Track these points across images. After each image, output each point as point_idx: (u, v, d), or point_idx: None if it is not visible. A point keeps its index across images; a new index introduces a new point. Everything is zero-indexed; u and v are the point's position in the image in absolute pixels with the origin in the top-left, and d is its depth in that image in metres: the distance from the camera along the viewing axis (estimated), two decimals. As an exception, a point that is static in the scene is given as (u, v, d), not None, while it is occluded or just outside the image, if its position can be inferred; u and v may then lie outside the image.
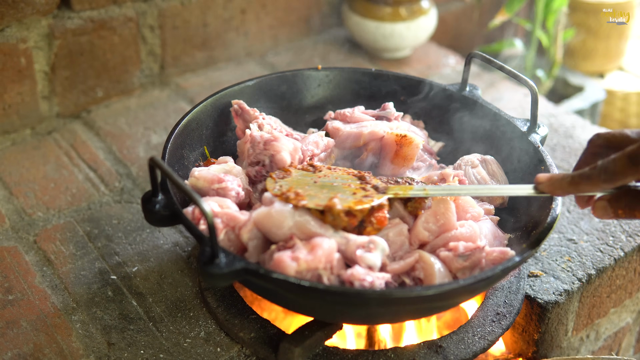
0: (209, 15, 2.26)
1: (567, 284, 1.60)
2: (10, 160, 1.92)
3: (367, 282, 1.25)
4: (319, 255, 1.25)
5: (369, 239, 1.31)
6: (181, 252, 1.65)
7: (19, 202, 1.78)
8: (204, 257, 1.18)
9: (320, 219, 1.33)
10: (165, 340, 1.44)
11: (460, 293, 1.28)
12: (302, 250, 1.26)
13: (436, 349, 1.42)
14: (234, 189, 1.42)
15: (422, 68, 2.46)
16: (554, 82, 3.02)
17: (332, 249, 1.27)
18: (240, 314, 1.45)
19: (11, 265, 1.61)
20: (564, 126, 2.13)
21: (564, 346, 1.68)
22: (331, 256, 1.27)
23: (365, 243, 1.30)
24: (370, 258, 1.28)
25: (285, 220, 1.31)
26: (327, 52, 2.49)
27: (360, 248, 1.30)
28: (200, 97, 2.13)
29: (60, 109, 2.07)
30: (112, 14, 2.06)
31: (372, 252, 1.29)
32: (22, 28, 1.92)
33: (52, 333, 1.45)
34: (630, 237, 1.72)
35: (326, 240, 1.28)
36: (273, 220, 1.31)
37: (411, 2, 2.42)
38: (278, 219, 1.31)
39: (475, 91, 1.72)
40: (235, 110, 1.63)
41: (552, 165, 1.49)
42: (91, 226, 1.72)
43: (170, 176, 1.22)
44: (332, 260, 1.27)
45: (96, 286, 1.56)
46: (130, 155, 1.95)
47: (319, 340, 1.36)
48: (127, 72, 2.16)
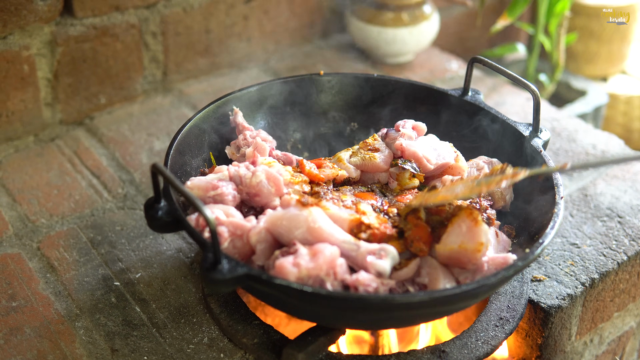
0: (211, 22, 2.26)
1: (571, 288, 1.60)
2: (14, 167, 1.92)
3: (372, 287, 1.25)
4: (320, 262, 1.25)
5: (380, 246, 1.31)
6: (184, 258, 1.65)
7: (22, 208, 1.79)
8: (207, 263, 1.19)
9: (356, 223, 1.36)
10: (168, 346, 1.44)
11: (463, 298, 1.28)
12: (304, 256, 1.26)
13: (439, 354, 1.42)
14: (230, 194, 1.42)
15: (424, 73, 2.46)
16: (557, 86, 3.02)
17: (334, 255, 1.27)
18: (244, 319, 1.45)
19: (15, 271, 1.61)
20: (566, 130, 2.13)
21: (567, 350, 1.68)
22: (333, 262, 1.27)
23: (376, 250, 1.30)
24: (381, 264, 1.28)
25: (299, 223, 1.32)
26: (329, 57, 2.50)
27: (371, 255, 1.30)
28: (203, 103, 2.13)
29: (63, 116, 2.07)
30: (115, 20, 2.06)
31: (382, 259, 1.29)
32: (25, 35, 1.92)
33: (55, 339, 1.45)
34: (633, 241, 1.72)
35: (328, 247, 1.28)
36: (289, 221, 1.31)
37: (413, 8, 2.42)
38: (293, 221, 1.31)
39: (477, 96, 1.72)
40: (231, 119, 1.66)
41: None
42: (94, 233, 1.72)
43: (173, 183, 1.23)
44: (334, 267, 1.27)
45: (99, 292, 1.56)
46: (133, 162, 1.96)
47: (322, 346, 1.36)
48: (130, 79, 2.17)
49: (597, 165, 1.40)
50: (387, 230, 1.35)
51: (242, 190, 1.44)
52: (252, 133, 1.62)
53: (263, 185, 1.43)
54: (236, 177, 1.45)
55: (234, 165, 1.48)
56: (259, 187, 1.43)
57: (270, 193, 1.44)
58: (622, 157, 1.41)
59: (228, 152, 1.63)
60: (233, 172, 1.45)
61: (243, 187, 1.44)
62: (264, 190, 1.43)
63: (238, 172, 1.45)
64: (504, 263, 1.32)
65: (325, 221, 1.33)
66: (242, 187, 1.44)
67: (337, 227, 1.34)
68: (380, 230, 1.35)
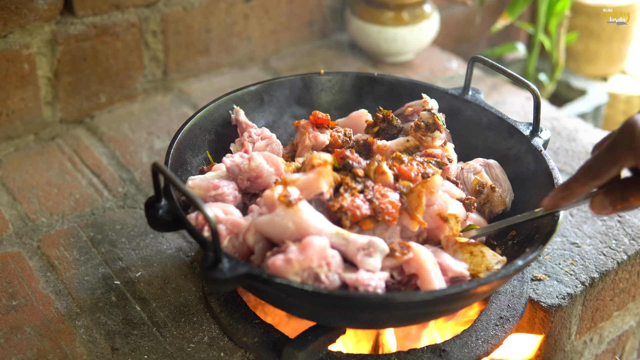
0: (211, 21, 2.26)
1: (571, 288, 1.60)
2: (14, 165, 1.92)
3: (372, 286, 1.25)
4: (310, 253, 1.25)
5: (368, 241, 1.30)
6: (184, 257, 1.65)
7: (22, 207, 1.79)
8: (207, 262, 1.19)
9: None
10: (169, 345, 1.44)
11: (463, 297, 1.28)
12: (293, 251, 1.26)
13: (440, 353, 1.42)
14: (231, 194, 1.43)
15: (425, 72, 2.46)
16: (557, 86, 3.02)
17: (323, 245, 1.27)
18: (244, 318, 1.45)
19: (15, 270, 1.61)
20: (566, 129, 2.13)
21: (567, 350, 1.68)
22: (323, 253, 1.26)
23: (365, 245, 1.30)
24: (371, 262, 1.29)
25: (287, 224, 1.31)
26: (329, 56, 2.50)
27: (361, 250, 1.30)
28: (203, 102, 2.13)
29: (63, 115, 2.07)
30: (115, 19, 2.06)
31: (372, 256, 1.29)
32: (25, 34, 1.92)
33: (56, 338, 1.46)
34: (633, 240, 1.72)
35: (317, 238, 1.28)
36: (275, 226, 1.31)
37: (414, 7, 2.42)
38: (280, 224, 1.31)
39: (477, 95, 1.72)
40: (233, 118, 1.66)
41: (554, 169, 1.49)
42: (95, 231, 1.72)
43: (174, 181, 1.23)
44: (326, 257, 1.27)
45: (100, 291, 1.56)
46: (134, 161, 1.96)
47: (322, 345, 1.36)
48: (130, 78, 2.17)
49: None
50: (359, 212, 1.35)
51: (243, 178, 1.45)
52: (257, 130, 1.62)
53: (263, 166, 1.45)
54: (234, 167, 1.47)
55: (228, 156, 1.50)
56: (259, 169, 1.45)
57: (271, 173, 1.46)
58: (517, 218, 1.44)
59: (233, 150, 1.64)
60: (230, 164, 1.47)
61: (243, 173, 1.45)
62: (264, 171, 1.45)
63: (234, 162, 1.47)
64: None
65: (313, 216, 1.32)
66: (242, 175, 1.45)
67: (325, 220, 1.33)
68: (355, 214, 1.35)
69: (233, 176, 1.47)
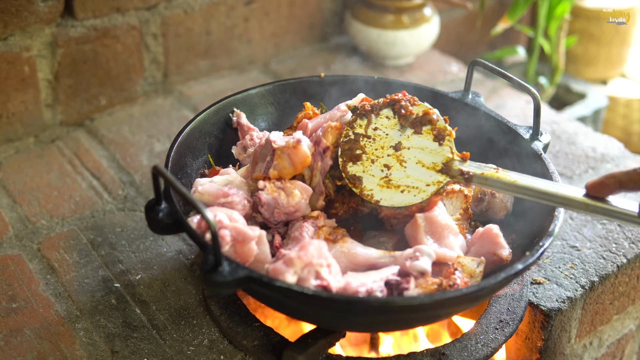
0: (212, 24, 2.26)
1: (570, 291, 1.60)
2: (14, 168, 1.92)
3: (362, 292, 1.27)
4: (311, 250, 1.27)
5: (415, 249, 1.35)
6: (184, 260, 1.65)
7: (22, 210, 1.79)
8: (207, 265, 1.19)
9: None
10: (168, 348, 1.44)
11: (463, 300, 1.28)
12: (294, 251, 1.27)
13: (439, 356, 1.42)
14: (240, 202, 1.41)
15: (424, 75, 2.46)
16: (557, 89, 3.03)
17: (322, 246, 1.29)
18: (244, 321, 1.45)
19: (15, 273, 1.61)
20: (566, 133, 2.14)
21: (567, 353, 1.68)
22: (323, 253, 1.28)
23: (412, 254, 1.34)
24: (420, 264, 1.32)
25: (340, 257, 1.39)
26: (330, 59, 2.50)
27: (408, 259, 1.33)
28: (204, 105, 2.13)
29: (63, 117, 2.07)
30: (115, 22, 2.06)
31: (419, 259, 1.33)
32: (26, 36, 1.92)
33: (55, 341, 1.46)
34: (633, 243, 1.72)
35: (315, 240, 1.30)
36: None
37: (414, 10, 2.43)
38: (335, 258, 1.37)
39: (477, 98, 1.72)
40: (234, 121, 1.66)
41: (554, 173, 1.49)
42: (95, 234, 1.72)
43: (174, 184, 1.23)
44: (326, 258, 1.27)
45: (100, 294, 1.56)
46: (134, 163, 1.96)
47: (322, 348, 1.36)
48: (131, 80, 2.17)
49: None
50: None
51: (280, 212, 1.41)
52: (258, 134, 1.62)
53: (302, 203, 1.42)
54: (270, 202, 1.40)
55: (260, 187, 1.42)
56: (298, 205, 1.42)
57: (307, 206, 1.44)
58: None
59: (235, 153, 1.64)
60: (266, 199, 1.40)
61: (281, 208, 1.41)
62: (302, 205, 1.43)
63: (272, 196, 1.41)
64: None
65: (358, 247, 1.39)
66: (279, 209, 1.41)
67: (367, 248, 1.39)
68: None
69: (269, 210, 1.42)
